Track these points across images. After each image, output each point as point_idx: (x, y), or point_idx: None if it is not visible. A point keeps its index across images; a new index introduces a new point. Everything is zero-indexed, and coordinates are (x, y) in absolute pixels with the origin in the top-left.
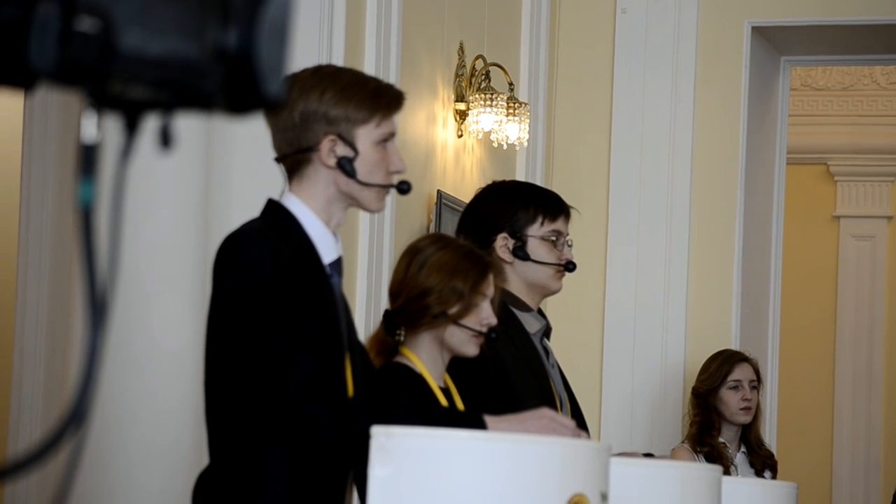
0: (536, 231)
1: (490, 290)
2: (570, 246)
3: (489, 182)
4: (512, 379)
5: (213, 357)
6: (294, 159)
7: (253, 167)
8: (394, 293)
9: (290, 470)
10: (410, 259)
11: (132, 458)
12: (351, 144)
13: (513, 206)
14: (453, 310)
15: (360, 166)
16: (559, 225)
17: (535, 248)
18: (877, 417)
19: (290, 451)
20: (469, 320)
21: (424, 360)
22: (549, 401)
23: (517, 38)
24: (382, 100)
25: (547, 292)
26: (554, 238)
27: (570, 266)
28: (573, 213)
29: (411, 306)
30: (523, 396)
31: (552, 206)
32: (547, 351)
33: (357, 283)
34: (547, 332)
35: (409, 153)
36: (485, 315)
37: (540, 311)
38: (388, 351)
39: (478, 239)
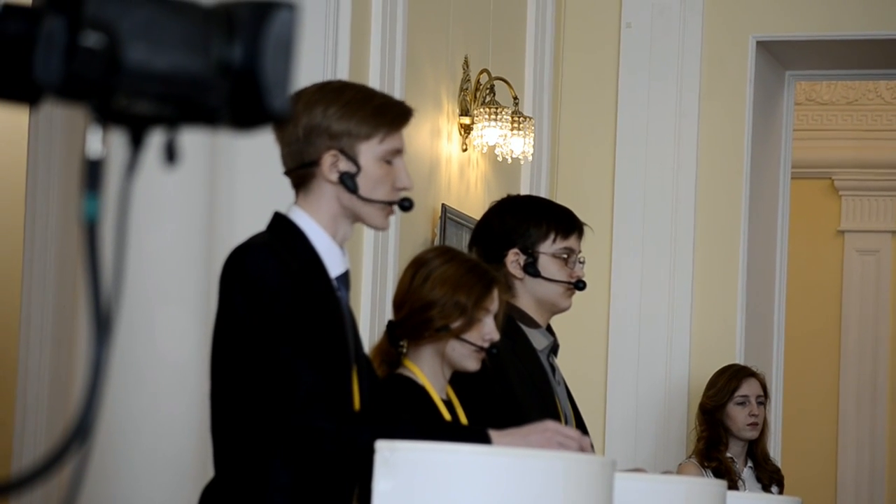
0: (548, 248)
1: (494, 305)
2: (582, 263)
3: (493, 196)
4: (517, 395)
5: (218, 369)
6: (299, 174)
7: (257, 181)
8: (398, 304)
9: (292, 482)
10: (415, 271)
11: (136, 471)
12: (353, 160)
13: (525, 221)
14: (456, 324)
15: (363, 182)
16: (571, 242)
17: (546, 265)
18: (881, 430)
19: (293, 462)
20: (471, 335)
21: (426, 372)
22: (553, 418)
23: (522, 52)
24: (387, 116)
25: (556, 310)
26: (566, 255)
27: (580, 284)
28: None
29: (414, 319)
30: (528, 413)
31: (565, 223)
32: (553, 368)
33: (361, 297)
34: (554, 349)
35: (413, 167)
36: (487, 330)
37: (549, 329)
38: (391, 361)
39: (490, 253)
